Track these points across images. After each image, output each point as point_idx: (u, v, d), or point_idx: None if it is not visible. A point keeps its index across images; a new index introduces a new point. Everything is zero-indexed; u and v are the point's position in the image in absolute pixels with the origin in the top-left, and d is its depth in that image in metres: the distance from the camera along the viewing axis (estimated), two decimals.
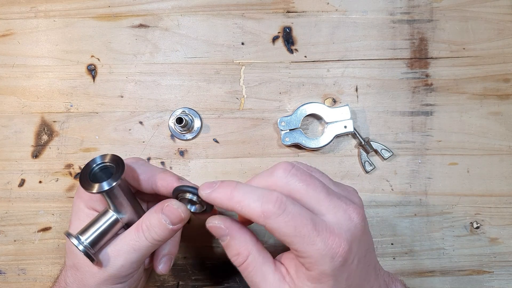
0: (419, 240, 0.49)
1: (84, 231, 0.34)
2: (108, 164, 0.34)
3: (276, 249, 0.49)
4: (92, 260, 0.33)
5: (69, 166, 0.49)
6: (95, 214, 0.36)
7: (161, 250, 0.39)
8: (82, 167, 0.34)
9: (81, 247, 0.33)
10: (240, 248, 0.33)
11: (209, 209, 0.35)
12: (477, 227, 0.49)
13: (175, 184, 0.36)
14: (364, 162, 0.48)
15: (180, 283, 0.49)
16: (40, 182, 0.49)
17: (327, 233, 0.29)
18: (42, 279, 0.48)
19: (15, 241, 0.49)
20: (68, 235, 0.34)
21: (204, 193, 0.32)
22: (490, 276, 0.49)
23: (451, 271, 0.49)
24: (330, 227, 0.30)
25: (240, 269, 0.33)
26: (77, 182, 0.49)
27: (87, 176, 0.33)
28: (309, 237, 0.29)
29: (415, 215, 0.49)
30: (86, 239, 0.34)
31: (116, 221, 0.35)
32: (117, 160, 0.33)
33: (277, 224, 0.29)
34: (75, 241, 0.33)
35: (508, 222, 0.49)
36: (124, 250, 0.35)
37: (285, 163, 0.32)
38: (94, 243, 0.34)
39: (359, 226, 0.31)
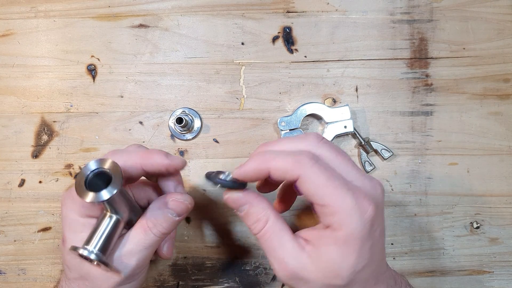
0: (419, 240, 0.49)
1: (89, 240, 0.33)
2: (101, 169, 0.32)
3: None
4: (109, 266, 0.33)
5: (69, 166, 0.49)
6: (91, 221, 0.35)
7: None
8: (76, 175, 0.33)
9: (93, 256, 0.32)
10: (259, 214, 0.33)
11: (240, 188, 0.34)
12: (477, 227, 0.49)
13: (165, 162, 0.35)
14: (364, 162, 0.48)
15: (180, 283, 0.49)
16: (40, 182, 0.49)
17: (357, 192, 0.30)
18: (42, 279, 0.48)
19: (15, 241, 0.49)
20: (75, 248, 0.33)
21: (238, 172, 0.33)
22: (490, 276, 0.49)
23: (451, 271, 0.49)
24: (359, 188, 0.31)
25: (258, 236, 0.33)
26: None
27: (84, 185, 0.32)
28: (341, 190, 0.29)
29: (415, 215, 0.49)
30: (95, 247, 0.33)
31: (118, 222, 0.35)
32: (111, 165, 0.32)
33: (310, 173, 0.30)
34: (85, 252, 0.32)
35: (508, 222, 0.49)
36: (136, 250, 0.35)
37: (315, 133, 0.34)
38: (104, 249, 0.33)
39: (382, 199, 0.32)
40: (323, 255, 0.31)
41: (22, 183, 0.49)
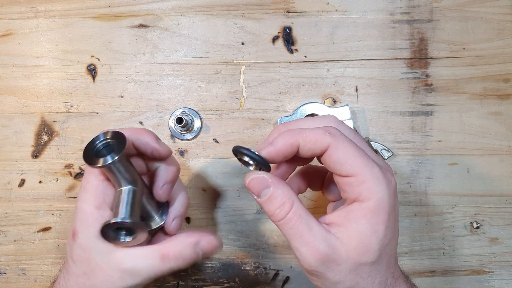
0: (419, 240, 0.49)
1: (115, 214, 0.33)
2: (109, 140, 0.33)
3: (276, 248, 0.49)
4: (141, 226, 0.33)
5: (69, 166, 0.49)
6: (104, 213, 0.34)
7: (173, 211, 0.39)
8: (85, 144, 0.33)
9: (127, 220, 0.32)
10: (284, 198, 0.31)
11: (265, 168, 0.33)
12: (477, 227, 0.49)
13: (152, 145, 0.35)
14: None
15: (180, 283, 0.49)
16: (40, 182, 0.49)
17: (379, 165, 0.31)
18: (42, 279, 0.48)
19: (15, 241, 0.49)
20: (108, 224, 0.32)
21: (268, 151, 0.31)
22: (490, 276, 0.49)
23: (451, 271, 0.49)
24: (379, 163, 0.32)
25: (284, 221, 0.31)
26: (78, 182, 0.49)
27: (93, 154, 0.33)
28: (368, 161, 0.30)
29: (415, 215, 0.49)
30: (125, 215, 0.33)
31: (134, 191, 0.34)
32: (118, 135, 0.33)
33: (340, 142, 0.30)
34: (119, 219, 0.32)
35: (508, 222, 0.49)
36: (145, 272, 0.34)
37: (333, 115, 0.34)
38: (132, 216, 0.33)
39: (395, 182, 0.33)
40: (352, 231, 0.31)
41: (22, 183, 0.49)
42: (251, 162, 0.32)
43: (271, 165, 0.33)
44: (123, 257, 0.34)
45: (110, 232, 0.33)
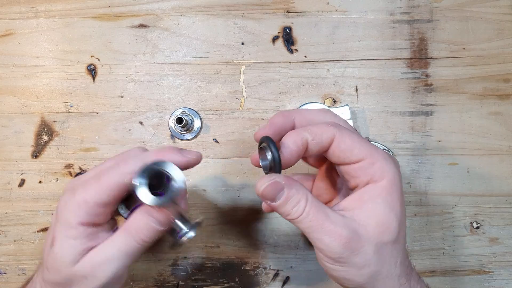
0: (419, 240, 0.49)
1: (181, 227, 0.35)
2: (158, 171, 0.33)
3: (276, 248, 0.49)
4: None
5: (69, 166, 0.49)
6: (89, 230, 0.33)
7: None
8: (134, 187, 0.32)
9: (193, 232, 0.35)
10: (299, 195, 0.31)
11: (277, 169, 0.32)
12: (477, 227, 0.49)
13: (180, 160, 0.34)
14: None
15: (180, 283, 0.49)
16: (40, 182, 0.49)
17: (382, 151, 0.33)
18: None
19: (15, 241, 0.49)
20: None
21: (285, 157, 0.32)
22: (490, 276, 0.49)
23: (451, 271, 0.49)
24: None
25: (301, 218, 0.31)
26: None
27: (148, 191, 0.32)
28: (372, 145, 0.32)
29: (415, 215, 0.49)
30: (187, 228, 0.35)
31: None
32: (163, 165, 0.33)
33: (344, 132, 0.32)
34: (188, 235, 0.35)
35: (508, 222, 0.49)
36: (116, 256, 0.33)
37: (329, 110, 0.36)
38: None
39: None
40: (370, 211, 0.31)
41: (22, 183, 0.49)
42: (268, 158, 0.32)
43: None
44: (93, 254, 0.33)
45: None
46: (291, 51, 0.50)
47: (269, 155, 0.32)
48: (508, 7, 0.50)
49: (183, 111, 0.49)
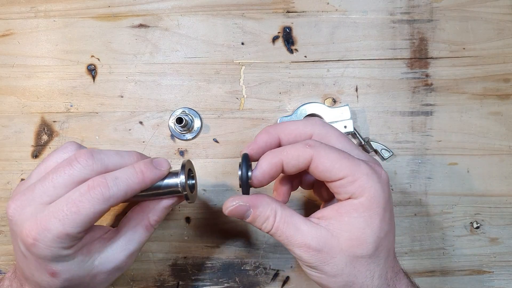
0: (419, 240, 0.49)
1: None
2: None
3: (276, 248, 0.49)
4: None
5: None
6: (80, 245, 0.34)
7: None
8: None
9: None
10: (266, 212, 0.33)
11: (244, 189, 0.35)
12: (477, 227, 0.49)
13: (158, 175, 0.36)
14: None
15: (180, 283, 0.49)
16: None
17: (366, 161, 0.33)
18: None
19: None
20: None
21: (256, 175, 0.33)
22: (490, 276, 0.49)
23: (451, 271, 0.49)
24: (365, 160, 0.33)
25: (271, 232, 0.33)
26: None
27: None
28: (354, 160, 0.32)
29: (415, 215, 0.49)
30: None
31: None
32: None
33: (322, 151, 0.32)
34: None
35: (508, 222, 0.49)
36: (137, 248, 0.37)
37: (317, 117, 0.37)
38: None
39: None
40: (344, 224, 0.32)
41: None
42: (239, 172, 0.34)
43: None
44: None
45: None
46: (291, 51, 0.50)
47: (239, 172, 0.34)
48: (508, 7, 0.50)
49: (183, 111, 0.49)
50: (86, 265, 0.34)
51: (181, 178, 0.36)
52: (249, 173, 0.33)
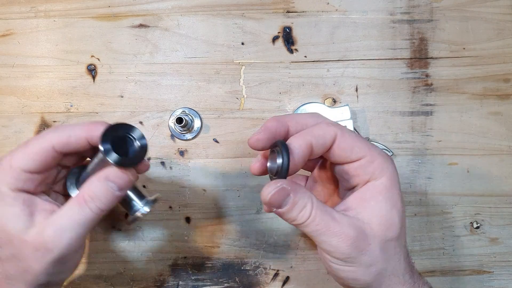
0: (419, 240, 0.49)
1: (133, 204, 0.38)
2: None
3: (276, 248, 0.49)
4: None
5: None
6: (22, 195, 0.33)
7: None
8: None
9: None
10: (304, 198, 0.31)
11: (284, 174, 0.32)
12: (477, 227, 0.49)
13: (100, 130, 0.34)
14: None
15: (180, 283, 0.49)
16: None
17: (379, 149, 0.33)
18: None
19: None
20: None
21: (294, 159, 0.31)
22: (490, 276, 0.49)
23: (451, 271, 0.49)
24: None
25: (307, 223, 0.31)
26: None
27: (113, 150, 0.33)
28: (368, 143, 0.33)
29: (415, 215, 0.49)
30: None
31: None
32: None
33: (344, 131, 0.32)
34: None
35: (508, 222, 0.49)
36: (69, 226, 0.32)
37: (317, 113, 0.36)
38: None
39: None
40: (372, 209, 0.32)
41: None
42: (278, 162, 0.31)
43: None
44: (44, 227, 0.33)
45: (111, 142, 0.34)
46: (291, 51, 0.50)
47: (279, 159, 0.31)
48: (508, 7, 0.50)
49: (183, 111, 0.49)
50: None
51: (145, 209, 0.36)
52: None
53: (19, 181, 0.33)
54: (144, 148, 0.35)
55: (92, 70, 0.50)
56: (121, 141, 0.35)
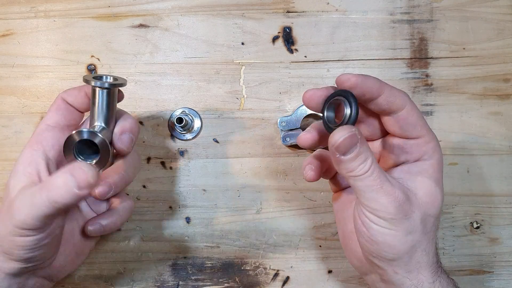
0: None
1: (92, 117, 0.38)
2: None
3: (276, 248, 0.49)
4: (110, 151, 0.36)
5: None
6: (37, 155, 0.37)
7: (121, 123, 0.39)
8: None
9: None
10: (368, 153, 0.31)
11: (353, 121, 0.31)
12: (477, 227, 0.49)
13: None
14: None
15: (180, 283, 0.49)
16: None
17: (434, 133, 0.35)
18: None
19: None
20: (71, 135, 0.36)
21: (356, 78, 0.32)
22: (490, 276, 0.49)
23: (451, 271, 0.48)
24: None
25: (367, 174, 0.31)
26: None
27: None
28: (428, 127, 0.34)
29: None
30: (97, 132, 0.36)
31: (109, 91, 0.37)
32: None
33: (414, 106, 0.33)
34: (85, 131, 0.36)
35: (508, 222, 0.49)
36: (27, 203, 0.32)
37: None
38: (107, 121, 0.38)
39: None
40: (418, 183, 0.33)
41: None
42: (346, 111, 0.31)
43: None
44: (20, 193, 0.34)
45: (73, 147, 0.35)
46: (291, 51, 0.50)
47: (347, 109, 0.31)
48: (508, 7, 0.50)
49: (183, 111, 0.49)
50: None
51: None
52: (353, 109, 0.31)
53: (38, 135, 0.38)
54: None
55: (92, 70, 0.50)
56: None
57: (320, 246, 0.49)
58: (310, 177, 0.36)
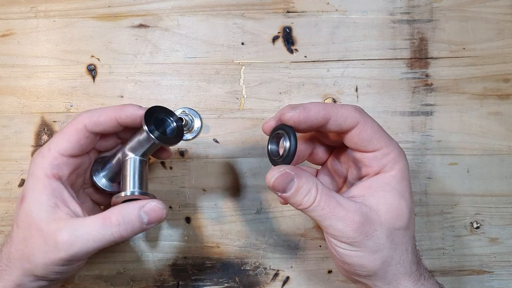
0: (419, 240, 0.49)
1: (124, 186, 0.36)
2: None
3: (276, 248, 0.49)
4: (149, 195, 0.36)
5: None
6: (53, 183, 0.34)
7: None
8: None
9: (137, 192, 0.36)
10: (309, 183, 0.32)
11: (290, 159, 0.33)
12: (477, 227, 0.49)
13: (138, 112, 0.35)
14: None
15: (180, 283, 0.49)
16: None
17: (396, 143, 0.34)
18: None
19: None
20: (118, 196, 0.35)
21: (302, 113, 0.32)
22: (490, 276, 0.49)
23: (451, 271, 0.49)
24: None
25: (312, 207, 0.32)
26: None
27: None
28: (389, 136, 0.34)
29: (415, 215, 0.49)
30: (134, 187, 0.36)
31: (142, 162, 0.37)
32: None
33: (368, 120, 0.33)
34: (128, 193, 0.35)
35: (508, 222, 0.49)
36: (84, 238, 0.32)
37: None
38: (141, 186, 0.37)
39: None
40: (380, 198, 0.32)
41: (22, 183, 0.49)
42: (285, 145, 0.32)
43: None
44: (63, 227, 0.33)
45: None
46: (291, 51, 0.50)
47: (286, 142, 0.32)
48: (508, 7, 0.50)
49: (183, 111, 0.49)
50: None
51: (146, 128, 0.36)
52: (290, 143, 0.32)
53: (54, 166, 0.35)
54: (181, 129, 0.37)
55: (92, 70, 0.50)
56: (159, 123, 0.37)
57: (320, 246, 0.49)
58: (267, 127, 0.37)
